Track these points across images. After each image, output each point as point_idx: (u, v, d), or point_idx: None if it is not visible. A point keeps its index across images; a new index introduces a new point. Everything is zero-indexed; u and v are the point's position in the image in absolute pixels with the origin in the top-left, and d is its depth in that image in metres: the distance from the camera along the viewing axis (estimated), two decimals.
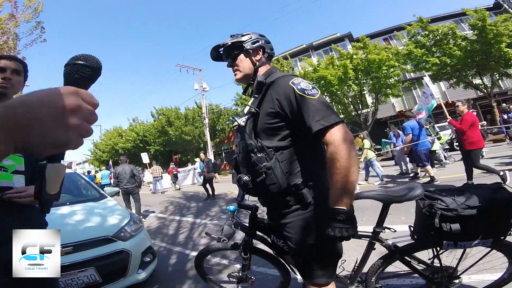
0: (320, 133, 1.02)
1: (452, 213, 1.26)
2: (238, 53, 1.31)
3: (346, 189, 0.98)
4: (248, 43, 1.29)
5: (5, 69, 1.13)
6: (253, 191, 1.20)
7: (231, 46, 1.32)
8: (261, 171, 1.08)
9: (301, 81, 1.11)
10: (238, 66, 1.31)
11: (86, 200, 3.10)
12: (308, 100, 1.05)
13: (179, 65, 20.34)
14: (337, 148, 0.99)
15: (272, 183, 1.08)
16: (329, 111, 1.03)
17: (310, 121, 1.02)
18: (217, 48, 1.38)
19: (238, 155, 1.30)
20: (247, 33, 1.33)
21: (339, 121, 1.02)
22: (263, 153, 1.09)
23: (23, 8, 7.18)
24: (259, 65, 1.31)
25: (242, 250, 1.62)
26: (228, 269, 2.68)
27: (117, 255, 2.27)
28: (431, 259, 1.54)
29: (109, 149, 28.52)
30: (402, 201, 1.39)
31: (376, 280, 1.58)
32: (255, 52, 1.31)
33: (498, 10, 18.16)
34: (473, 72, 15.20)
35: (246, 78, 1.33)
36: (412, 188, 1.41)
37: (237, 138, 1.31)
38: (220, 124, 23.93)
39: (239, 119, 1.20)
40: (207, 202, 7.98)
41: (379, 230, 1.48)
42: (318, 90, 1.10)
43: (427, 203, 1.36)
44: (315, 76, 16.39)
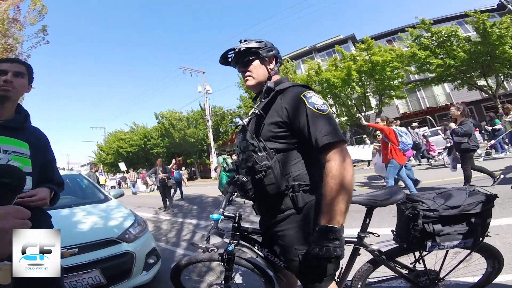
0: (325, 148, 1.03)
1: (434, 213, 1.31)
2: (253, 59, 1.27)
3: (340, 207, 0.98)
4: (264, 50, 1.28)
5: (6, 71, 1.11)
6: (250, 193, 1.17)
7: (245, 51, 1.27)
8: (261, 169, 1.07)
9: (313, 95, 1.12)
10: (252, 72, 1.28)
11: (90, 202, 3.11)
12: (318, 115, 1.07)
13: (182, 67, 20.49)
14: (338, 166, 1.00)
15: (271, 183, 1.08)
16: (336, 129, 1.06)
17: (317, 134, 1.04)
18: (227, 52, 1.34)
19: (238, 156, 1.29)
20: (260, 40, 1.31)
21: (344, 140, 1.05)
22: (264, 152, 1.10)
23: (29, 10, 7.27)
24: (272, 74, 1.30)
25: (225, 260, 1.53)
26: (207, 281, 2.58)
27: (122, 257, 2.27)
28: (413, 263, 1.54)
29: (113, 151, 28.75)
30: (385, 205, 1.43)
31: (362, 286, 1.57)
32: (269, 60, 1.31)
33: (503, 11, 18.03)
34: (478, 73, 15.07)
35: (258, 86, 1.30)
36: (395, 192, 1.45)
37: (238, 138, 1.31)
38: (223, 126, 23.99)
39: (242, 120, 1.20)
40: (204, 205, 7.97)
41: (363, 235, 1.47)
42: (328, 107, 1.12)
43: (410, 205, 1.39)
44: (318, 79, 16.38)
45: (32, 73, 1.24)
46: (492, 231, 1.41)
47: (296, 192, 1.11)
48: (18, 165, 1.07)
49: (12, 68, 1.13)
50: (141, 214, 3.38)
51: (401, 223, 1.48)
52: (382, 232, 1.66)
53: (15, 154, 1.08)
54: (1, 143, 1.05)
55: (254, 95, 1.45)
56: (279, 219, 1.16)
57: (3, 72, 1.11)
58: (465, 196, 1.35)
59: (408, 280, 1.56)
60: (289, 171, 1.13)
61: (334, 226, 0.96)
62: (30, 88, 1.24)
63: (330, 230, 0.96)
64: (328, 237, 0.95)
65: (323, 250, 0.94)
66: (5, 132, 1.08)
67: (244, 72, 1.30)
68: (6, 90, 1.09)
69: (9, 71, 1.12)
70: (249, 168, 1.13)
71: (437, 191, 1.47)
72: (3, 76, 1.11)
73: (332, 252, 0.94)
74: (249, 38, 1.32)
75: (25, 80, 1.18)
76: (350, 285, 1.57)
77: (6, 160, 1.04)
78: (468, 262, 1.53)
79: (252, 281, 2.39)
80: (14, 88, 1.11)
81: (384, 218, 3.66)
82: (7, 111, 1.13)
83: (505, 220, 2.90)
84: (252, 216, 5.34)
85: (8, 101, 1.12)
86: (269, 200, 1.15)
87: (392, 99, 17.36)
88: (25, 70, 1.19)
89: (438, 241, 1.30)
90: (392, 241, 1.54)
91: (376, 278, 1.66)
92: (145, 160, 27.53)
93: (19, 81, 1.14)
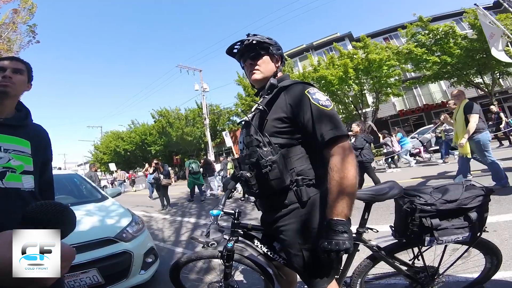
0: (330, 143, 1.05)
1: (431, 207, 1.32)
2: (263, 54, 1.29)
3: (346, 200, 0.99)
4: (274, 48, 1.30)
5: (5, 68, 1.11)
6: (254, 188, 1.17)
7: (256, 44, 1.27)
8: (266, 164, 1.07)
9: (317, 91, 1.15)
10: (260, 66, 1.29)
11: (88, 201, 3.09)
12: (322, 110, 1.09)
13: (179, 65, 20.38)
14: (342, 160, 1.02)
15: (276, 177, 1.08)
16: (340, 124, 1.09)
17: (322, 129, 1.06)
18: (236, 43, 1.34)
19: (242, 151, 1.29)
20: (270, 38, 1.32)
21: (347, 135, 1.08)
22: (269, 147, 1.10)
23: (19, 9, 7.19)
24: (278, 71, 1.34)
25: (224, 257, 1.50)
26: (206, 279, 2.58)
27: (119, 256, 2.26)
28: (412, 259, 1.55)
29: (110, 151, 28.63)
30: (384, 200, 1.45)
31: (361, 283, 1.57)
32: (277, 58, 1.34)
33: (498, 9, 18.13)
34: (474, 71, 15.16)
35: (263, 81, 1.31)
36: (392, 187, 1.46)
37: (242, 134, 1.31)
38: (221, 124, 23.94)
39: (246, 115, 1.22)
40: (202, 204, 7.97)
41: (362, 230, 1.48)
42: (331, 103, 1.14)
43: (407, 200, 1.41)
44: (315, 76, 16.40)
45: (31, 71, 1.24)
46: (490, 228, 1.42)
47: (300, 187, 1.11)
48: (19, 163, 1.06)
49: (11, 65, 1.13)
50: (138, 213, 3.36)
51: (399, 218, 1.49)
52: (381, 229, 1.67)
53: (16, 152, 1.06)
54: (2, 142, 1.04)
55: (252, 92, 1.45)
56: (283, 214, 1.17)
57: (2, 69, 1.11)
58: (462, 190, 1.36)
59: (407, 276, 1.57)
60: (293, 166, 1.14)
61: (341, 219, 0.98)
62: (30, 86, 1.24)
63: (338, 224, 0.97)
64: (337, 230, 0.97)
65: (332, 244, 0.96)
66: (6, 130, 1.07)
67: (252, 65, 1.30)
68: (5, 85, 1.09)
69: (8, 68, 1.12)
70: (253, 164, 1.13)
71: (434, 186, 1.48)
72: (1, 72, 1.10)
73: (342, 245, 0.95)
74: (258, 34, 1.32)
75: (24, 77, 1.18)
76: (349, 281, 1.57)
77: (7, 159, 1.02)
78: (466, 258, 1.54)
79: (252, 279, 2.40)
80: (13, 84, 1.11)
81: (382, 215, 3.68)
82: (7, 109, 1.12)
83: (503, 216, 2.91)
84: (251, 212, 5.34)
85: (8, 97, 1.11)
86: (273, 194, 1.15)
87: (388, 96, 17.42)
88: (24, 68, 1.19)
89: (436, 235, 1.31)
90: (391, 236, 1.54)
91: (376, 274, 1.67)
92: (142, 160, 27.42)
93: (18, 78, 1.14)
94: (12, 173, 1.02)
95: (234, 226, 1.49)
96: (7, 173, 1.01)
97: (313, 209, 1.12)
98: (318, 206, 1.12)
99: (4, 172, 1.00)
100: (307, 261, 1.13)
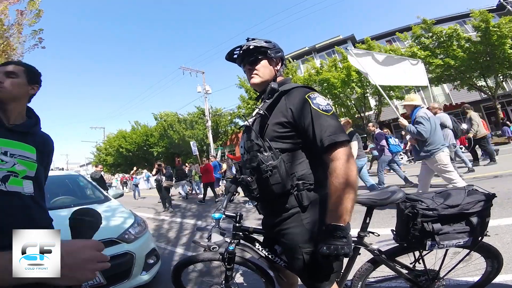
0: (329, 148, 1.04)
1: (433, 212, 1.31)
2: (261, 58, 1.29)
3: (345, 206, 0.99)
4: (273, 51, 1.29)
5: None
6: (255, 193, 1.17)
7: (254, 49, 1.28)
8: (266, 169, 1.07)
9: (317, 96, 1.14)
10: (258, 71, 1.29)
11: (90, 202, 3.12)
12: (322, 115, 1.08)
13: (182, 67, 20.45)
14: (342, 165, 1.01)
15: (276, 182, 1.08)
16: (340, 129, 1.07)
17: (322, 134, 1.05)
18: (235, 48, 1.35)
19: (243, 156, 1.30)
20: (269, 41, 1.32)
21: (348, 140, 1.06)
22: (269, 152, 1.10)
23: (26, 12, 7.24)
24: (278, 75, 1.33)
25: (226, 260, 1.52)
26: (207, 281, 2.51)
27: (121, 257, 2.27)
28: (413, 262, 1.54)
29: (113, 151, 28.70)
30: (385, 204, 1.44)
31: (362, 286, 1.57)
32: (276, 61, 1.33)
33: (502, 12, 18.06)
34: (477, 74, 15.09)
35: (263, 85, 1.31)
36: (394, 192, 1.46)
37: (242, 139, 1.31)
38: (222, 126, 23.97)
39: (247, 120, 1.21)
40: (201, 206, 7.98)
41: (364, 234, 1.48)
42: (332, 107, 1.13)
43: (409, 205, 1.40)
44: (318, 79, 16.39)
45: (32, 73, 1.21)
46: (491, 232, 1.41)
47: (301, 191, 1.12)
48: (23, 168, 1.07)
49: (3, 69, 1.11)
50: (140, 215, 3.38)
51: (400, 222, 1.48)
52: (382, 232, 1.67)
53: (22, 158, 1.07)
54: (9, 147, 1.05)
55: (254, 95, 1.46)
56: (284, 218, 1.17)
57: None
58: (464, 195, 1.35)
59: (408, 280, 1.56)
60: (294, 170, 1.14)
61: (340, 225, 0.98)
62: (34, 88, 1.22)
63: (337, 229, 0.97)
64: (336, 235, 0.97)
65: (331, 249, 0.96)
66: (14, 136, 1.08)
67: (250, 70, 1.31)
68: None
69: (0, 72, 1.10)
70: (254, 168, 1.14)
71: (436, 191, 1.47)
72: None
73: (340, 250, 0.95)
74: (257, 37, 1.33)
75: (20, 80, 1.15)
76: (350, 284, 1.57)
77: (12, 164, 1.03)
78: (467, 262, 1.54)
79: (253, 281, 2.39)
80: (3, 88, 1.08)
81: (383, 219, 3.67)
82: (14, 114, 1.12)
83: (504, 220, 2.90)
84: (252, 215, 5.34)
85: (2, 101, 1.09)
86: (274, 199, 1.16)
87: (391, 99, 17.38)
88: (20, 71, 1.16)
89: (437, 240, 1.31)
90: (392, 240, 1.54)
91: (376, 277, 1.66)
92: (144, 161, 27.49)
93: (10, 81, 1.11)
94: (15, 177, 1.04)
95: (236, 229, 1.49)
96: (10, 177, 1.02)
97: (313, 213, 1.13)
98: (318, 210, 1.12)
99: (8, 176, 1.01)
100: (308, 264, 1.13)
